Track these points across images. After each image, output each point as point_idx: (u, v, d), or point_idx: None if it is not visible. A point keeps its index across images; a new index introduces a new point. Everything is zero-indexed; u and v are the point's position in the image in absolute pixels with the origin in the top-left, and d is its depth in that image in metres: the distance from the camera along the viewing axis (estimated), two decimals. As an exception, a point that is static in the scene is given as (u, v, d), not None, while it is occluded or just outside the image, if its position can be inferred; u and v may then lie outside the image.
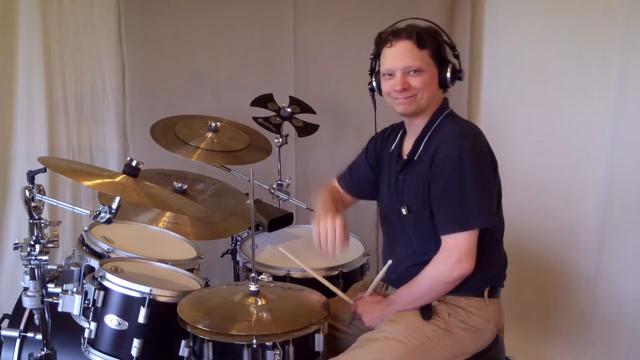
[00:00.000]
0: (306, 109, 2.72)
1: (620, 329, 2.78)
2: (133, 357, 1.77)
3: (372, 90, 1.97)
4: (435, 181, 1.77)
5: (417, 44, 1.79)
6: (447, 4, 3.08)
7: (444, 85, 1.85)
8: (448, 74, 1.82)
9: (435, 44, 1.82)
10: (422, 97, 1.82)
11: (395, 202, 1.91)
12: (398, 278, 1.92)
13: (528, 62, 2.98)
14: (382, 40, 1.85)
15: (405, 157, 1.90)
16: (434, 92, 1.84)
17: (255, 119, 2.67)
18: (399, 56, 1.81)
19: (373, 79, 1.95)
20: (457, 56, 1.86)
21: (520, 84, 3.03)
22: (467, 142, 1.75)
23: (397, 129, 2.01)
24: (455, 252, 1.73)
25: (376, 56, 1.91)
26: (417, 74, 1.79)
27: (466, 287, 1.78)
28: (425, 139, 1.85)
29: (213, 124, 2.54)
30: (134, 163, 1.77)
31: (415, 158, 1.85)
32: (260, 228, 2.47)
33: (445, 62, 1.84)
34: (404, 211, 1.86)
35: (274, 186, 2.64)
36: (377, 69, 1.92)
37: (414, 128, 1.90)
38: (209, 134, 2.52)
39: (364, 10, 3.06)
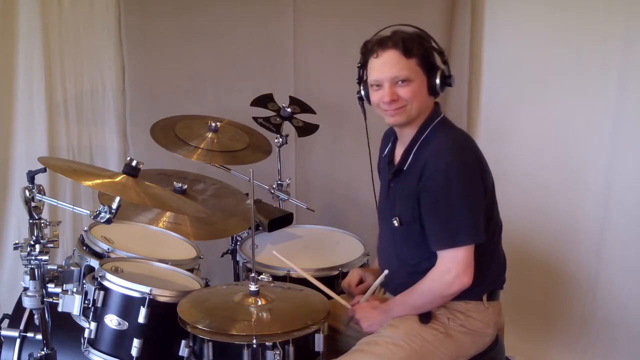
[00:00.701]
0: (306, 109, 2.72)
1: (621, 329, 2.78)
2: (133, 357, 1.77)
3: (361, 99, 1.94)
4: (424, 196, 1.76)
5: (404, 53, 1.75)
6: (447, 4, 3.07)
7: (433, 92, 1.82)
8: (437, 81, 1.79)
9: (422, 51, 1.78)
10: (412, 108, 1.79)
11: (388, 211, 1.90)
12: (393, 285, 1.93)
13: (528, 62, 2.98)
14: (368, 50, 1.82)
15: (395, 165, 1.89)
16: (424, 100, 1.81)
17: (255, 119, 2.67)
18: (386, 67, 1.77)
19: (361, 88, 1.91)
20: (445, 62, 1.82)
21: (520, 84, 3.03)
22: (455, 157, 1.73)
23: (391, 134, 2.00)
24: (453, 267, 1.72)
25: (363, 65, 1.87)
26: (406, 83, 1.76)
27: (466, 292, 1.77)
28: (414, 149, 1.83)
29: (213, 124, 2.54)
30: (134, 163, 1.77)
31: (405, 168, 1.84)
32: (260, 228, 2.47)
33: (434, 69, 1.80)
34: (395, 223, 1.86)
35: (274, 186, 2.64)
36: (365, 78, 1.88)
37: (404, 137, 1.88)
38: (209, 134, 2.52)
39: (364, 10, 3.05)
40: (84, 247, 2.07)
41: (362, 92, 1.91)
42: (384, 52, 1.78)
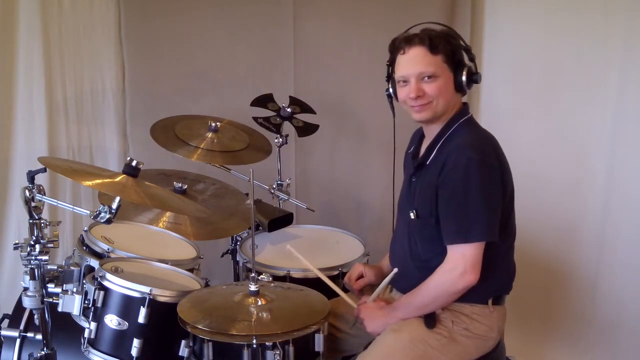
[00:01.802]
0: (306, 109, 2.72)
1: (621, 329, 2.78)
2: (133, 357, 1.77)
3: (389, 96, 1.95)
4: (442, 190, 1.76)
5: (430, 50, 1.77)
6: (447, 4, 3.07)
7: (460, 89, 1.82)
8: (464, 78, 1.80)
9: (449, 48, 1.79)
10: (438, 104, 1.80)
11: (407, 205, 1.91)
12: (402, 282, 1.92)
13: (528, 62, 2.98)
14: (396, 47, 1.84)
15: (419, 159, 1.90)
16: (450, 97, 1.82)
17: (255, 119, 2.67)
18: (412, 63, 1.79)
19: (390, 85, 1.93)
20: (472, 59, 1.84)
21: (520, 84, 3.03)
22: (476, 154, 1.72)
23: (419, 132, 2.00)
24: (460, 264, 1.72)
25: (391, 63, 1.89)
26: (432, 80, 1.78)
27: (471, 295, 1.77)
28: (438, 145, 1.83)
29: (213, 124, 2.53)
30: (134, 163, 1.77)
31: (428, 163, 1.84)
32: (260, 228, 2.47)
33: (461, 66, 1.81)
34: (412, 215, 1.86)
35: (274, 186, 2.63)
36: (393, 75, 1.89)
37: (430, 133, 1.89)
38: (209, 134, 2.52)
39: (363, 10, 3.06)
40: (84, 247, 2.07)
41: (391, 89, 1.93)
42: (410, 48, 1.79)
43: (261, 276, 1.85)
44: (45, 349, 1.85)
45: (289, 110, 2.66)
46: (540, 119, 2.96)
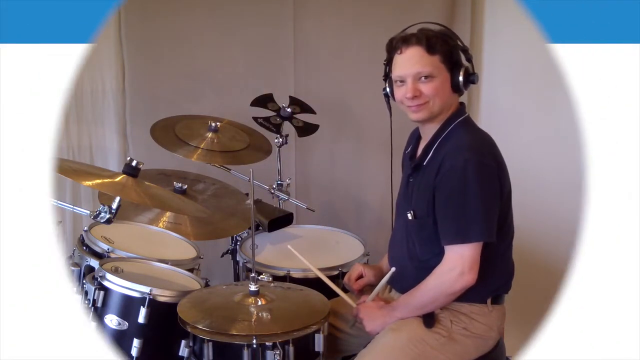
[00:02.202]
0: (306, 109, 2.72)
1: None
2: (133, 357, 1.77)
3: (386, 96, 1.95)
4: (439, 191, 1.76)
5: (427, 50, 1.77)
6: (447, 4, 3.08)
7: (457, 89, 1.82)
8: (461, 78, 1.80)
9: (446, 49, 1.79)
10: (434, 104, 1.80)
11: (405, 205, 1.91)
12: (401, 281, 1.92)
13: (528, 62, 2.97)
14: (393, 47, 1.84)
15: (416, 160, 1.90)
16: (447, 97, 1.82)
17: (255, 119, 2.67)
18: (409, 63, 1.79)
19: (387, 85, 1.93)
20: (470, 59, 1.84)
21: (520, 84, 3.03)
22: (474, 155, 1.73)
23: (417, 133, 2.00)
24: (458, 264, 1.72)
25: (388, 62, 1.89)
26: (428, 80, 1.77)
27: (470, 294, 1.77)
28: (435, 145, 1.83)
29: (213, 124, 2.53)
30: (134, 163, 1.77)
31: (425, 163, 1.84)
32: (260, 228, 2.47)
33: (458, 66, 1.81)
34: (409, 216, 1.86)
35: (274, 186, 2.63)
36: (390, 74, 1.89)
37: (427, 133, 1.88)
38: (209, 134, 2.52)
39: (364, 10, 3.06)
40: (84, 247, 2.07)
41: (388, 89, 1.92)
42: (407, 48, 1.79)
43: (261, 276, 1.85)
44: (45, 349, 1.85)
45: (289, 110, 2.66)
46: (541, 118, 2.96)
